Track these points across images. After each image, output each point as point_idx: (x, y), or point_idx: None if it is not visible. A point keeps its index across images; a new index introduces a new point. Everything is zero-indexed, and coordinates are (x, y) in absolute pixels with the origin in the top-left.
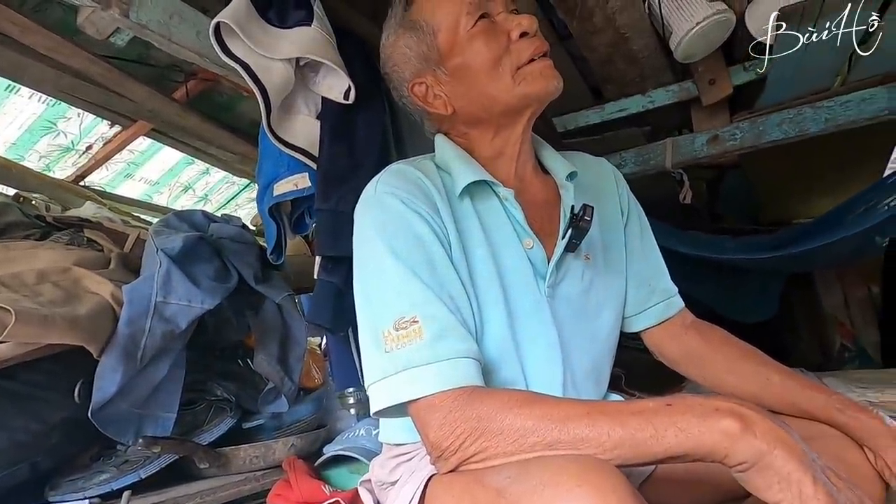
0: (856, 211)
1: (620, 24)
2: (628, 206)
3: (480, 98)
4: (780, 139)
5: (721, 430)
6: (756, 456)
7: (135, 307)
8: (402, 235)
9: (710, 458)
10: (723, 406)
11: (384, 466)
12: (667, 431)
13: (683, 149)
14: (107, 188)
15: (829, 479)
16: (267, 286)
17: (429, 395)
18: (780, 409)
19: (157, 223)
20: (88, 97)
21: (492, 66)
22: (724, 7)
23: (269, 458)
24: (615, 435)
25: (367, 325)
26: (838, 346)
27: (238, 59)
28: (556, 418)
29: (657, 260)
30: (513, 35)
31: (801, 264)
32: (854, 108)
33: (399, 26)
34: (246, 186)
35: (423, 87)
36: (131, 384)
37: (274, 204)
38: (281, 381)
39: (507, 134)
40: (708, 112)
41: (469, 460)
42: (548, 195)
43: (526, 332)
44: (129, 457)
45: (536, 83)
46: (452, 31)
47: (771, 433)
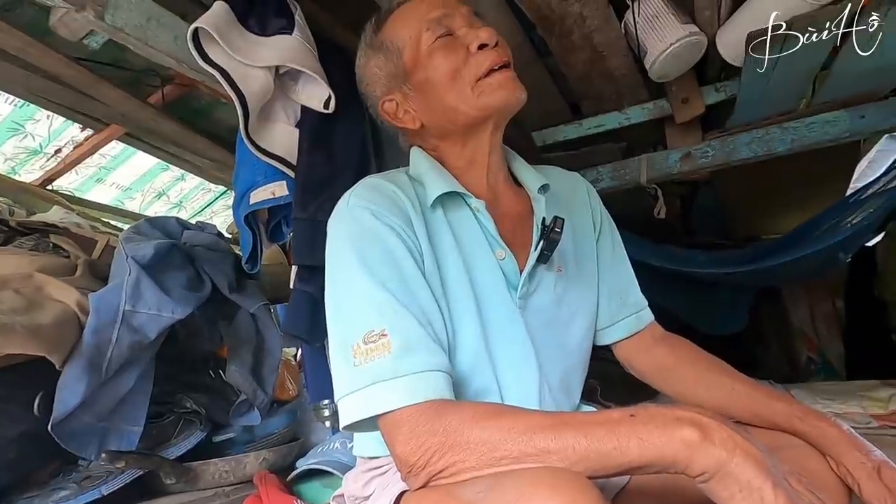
0: (821, 228)
1: (597, 42)
2: (601, 220)
3: (444, 110)
4: (750, 158)
5: (681, 440)
6: (716, 465)
7: (101, 316)
8: (373, 249)
9: (672, 468)
10: (684, 416)
11: (358, 480)
12: (630, 442)
13: (658, 165)
14: (76, 193)
15: (791, 484)
16: (241, 295)
17: (396, 410)
18: (746, 420)
19: (128, 229)
20: (59, 99)
21: (451, 78)
22: (697, 30)
23: (239, 472)
24: (580, 447)
25: (337, 338)
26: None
27: (216, 66)
28: (522, 431)
29: (628, 273)
30: (472, 48)
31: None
32: (818, 130)
33: (369, 48)
34: (222, 194)
35: (394, 103)
36: (95, 396)
37: (250, 212)
38: (254, 392)
39: (475, 145)
40: (681, 130)
41: (439, 475)
42: (521, 207)
43: (499, 343)
44: (91, 472)
45: (495, 94)
46: (415, 48)
47: (730, 441)
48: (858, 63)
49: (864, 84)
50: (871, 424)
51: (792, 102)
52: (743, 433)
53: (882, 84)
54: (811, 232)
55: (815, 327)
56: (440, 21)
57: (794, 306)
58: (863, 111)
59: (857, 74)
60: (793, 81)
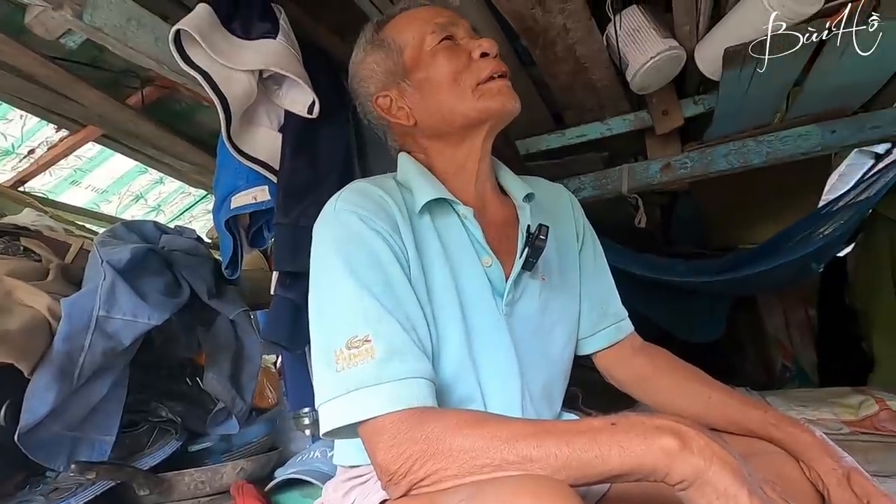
0: (794, 239)
1: (580, 54)
2: (583, 231)
3: (441, 109)
4: (727, 169)
5: (661, 448)
6: (694, 473)
7: (74, 322)
8: (359, 254)
9: (652, 476)
10: (663, 424)
11: (338, 490)
12: (611, 451)
13: (639, 175)
14: (49, 195)
15: (766, 492)
16: (221, 301)
17: (377, 417)
18: (723, 428)
19: (104, 233)
20: (34, 99)
21: (452, 79)
22: (676, 44)
23: (215, 482)
24: (562, 455)
25: (319, 343)
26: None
27: (198, 68)
28: (505, 439)
29: (609, 284)
30: (474, 54)
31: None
32: (791, 143)
33: (368, 44)
34: (203, 198)
35: (388, 99)
36: (66, 405)
37: (231, 217)
38: (232, 400)
39: (467, 148)
40: (661, 141)
41: (420, 484)
42: (506, 215)
43: (484, 350)
44: (60, 484)
45: (495, 99)
46: (418, 48)
47: (708, 449)
48: (828, 80)
49: (834, 100)
50: (843, 430)
51: (767, 116)
52: (720, 441)
53: (851, 101)
54: (785, 242)
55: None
56: (445, 27)
57: (770, 315)
58: (833, 126)
59: (828, 91)
60: (768, 96)
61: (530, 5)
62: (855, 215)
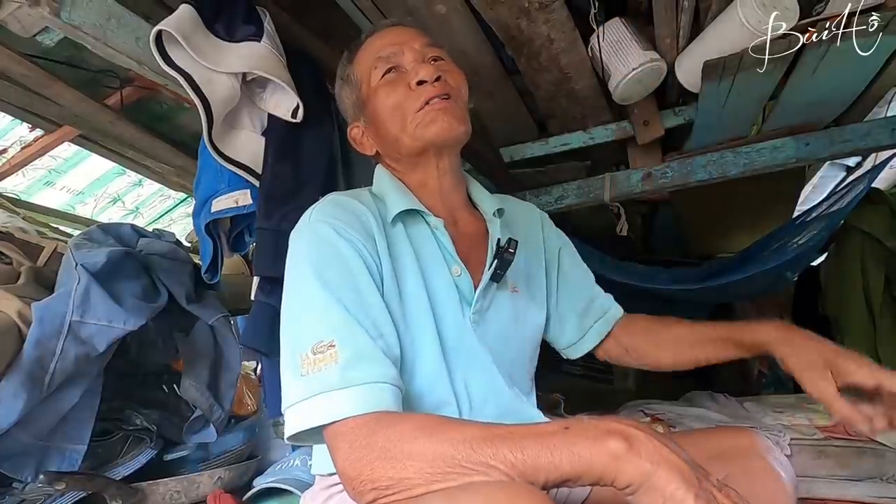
0: (769, 248)
1: (564, 64)
2: (556, 245)
3: (389, 140)
4: (706, 179)
5: (609, 452)
6: (641, 477)
7: (45, 327)
8: (330, 263)
9: (602, 480)
10: (613, 427)
11: (316, 499)
12: (562, 456)
13: (621, 184)
14: (22, 196)
15: (716, 497)
16: (199, 306)
17: (339, 421)
18: (725, 354)
19: (79, 236)
20: (8, 98)
21: (392, 112)
22: (657, 56)
23: (192, 492)
24: (518, 461)
25: (287, 348)
26: (756, 373)
27: (180, 70)
28: (459, 445)
29: (591, 283)
30: (411, 84)
31: (723, 295)
32: (767, 155)
33: (341, 78)
34: (182, 201)
35: (359, 130)
36: (35, 413)
37: (211, 220)
38: (210, 408)
39: (423, 170)
40: (642, 151)
41: (386, 492)
42: (477, 228)
43: (456, 358)
44: (27, 495)
45: (429, 128)
46: (367, 83)
47: (655, 452)
48: (802, 95)
49: (808, 114)
50: (817, 436)
51: (744, 129)
52: (670, 445)
53: (824, 115)
54: (761, 252)
55: None
56: (389, 59)
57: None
58: (807, 139)
59: (802, 105)
60: (745, 109)
61: (515, 15)
62: (827, 226)
